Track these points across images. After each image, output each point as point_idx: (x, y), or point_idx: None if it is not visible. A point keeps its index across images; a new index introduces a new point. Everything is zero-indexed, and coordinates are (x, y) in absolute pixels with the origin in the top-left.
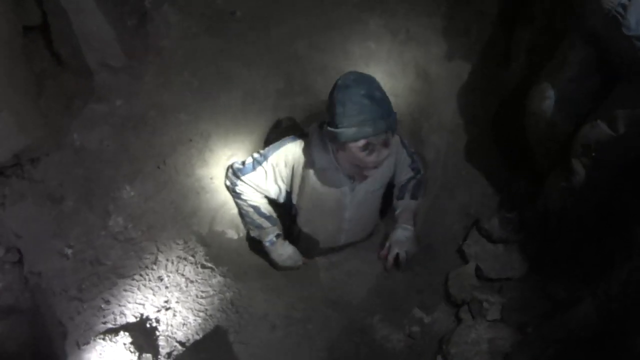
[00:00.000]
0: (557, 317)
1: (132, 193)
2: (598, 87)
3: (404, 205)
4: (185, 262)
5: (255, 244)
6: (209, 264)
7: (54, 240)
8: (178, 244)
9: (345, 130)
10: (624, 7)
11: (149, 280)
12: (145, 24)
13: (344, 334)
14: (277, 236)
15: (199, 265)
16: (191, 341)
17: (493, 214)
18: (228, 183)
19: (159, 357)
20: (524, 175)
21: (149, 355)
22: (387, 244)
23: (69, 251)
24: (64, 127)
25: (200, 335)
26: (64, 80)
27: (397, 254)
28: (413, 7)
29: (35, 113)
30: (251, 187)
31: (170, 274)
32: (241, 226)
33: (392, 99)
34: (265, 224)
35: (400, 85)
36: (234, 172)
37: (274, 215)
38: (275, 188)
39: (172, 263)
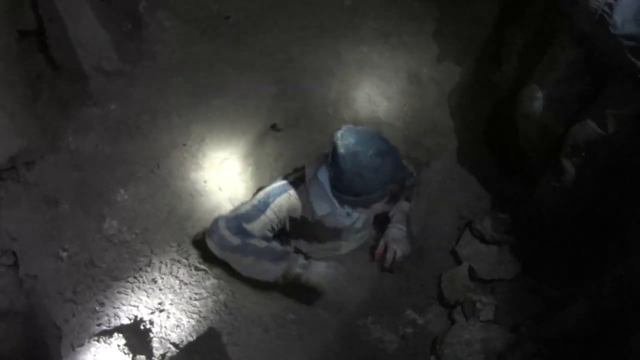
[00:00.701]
0: (550, 317)
1: (127, 196)
2: (588, 87)
3: (397, 207)
4: (179, 265)
5: None
6: (203, 266)
7: (48, 243)
8: (172, 246)
9: (369, 197)
10: (610, 6)
11: (143, 282)
12: (139, 28)
13: (337, 336)
14: (304, 257)
15: (192, 268)
16: (185, 343)
17: (486, 215)
18: (228, 241)
19: (153, 358)
20: (517, 176)
21: (142, 357)
22: (383, 242)
23: (64, 254)
24: (59, 131)
25: (194, 337)
26: (59, 84)
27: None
28: (405, 12)
29: (30, 117)
30: (260, 225)
31: (164, 276)
32: None
33: (384, 102)
34: (279, 247)
35: (392, 89)
36: (238, 223)
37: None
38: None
39: (166, 265)
